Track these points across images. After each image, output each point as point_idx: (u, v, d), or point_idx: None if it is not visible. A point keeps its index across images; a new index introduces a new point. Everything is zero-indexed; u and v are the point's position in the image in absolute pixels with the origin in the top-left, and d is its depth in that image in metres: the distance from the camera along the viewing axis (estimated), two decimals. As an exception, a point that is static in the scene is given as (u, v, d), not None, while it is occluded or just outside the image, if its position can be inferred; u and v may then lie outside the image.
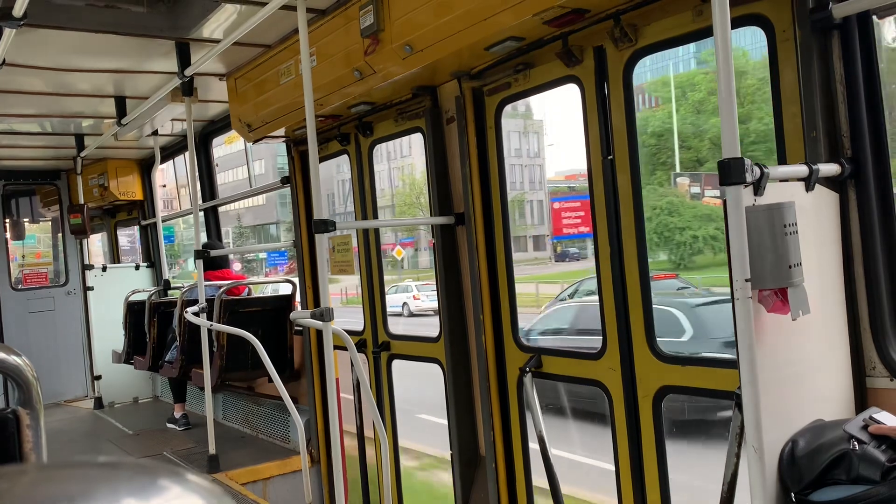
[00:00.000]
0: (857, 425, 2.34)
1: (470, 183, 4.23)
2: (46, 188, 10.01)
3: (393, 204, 42.15)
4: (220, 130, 7.83)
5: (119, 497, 0.49)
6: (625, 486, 3.64)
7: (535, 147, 43.51)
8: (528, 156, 43.30)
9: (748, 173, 2.24)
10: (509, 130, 36.14)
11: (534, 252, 39.37)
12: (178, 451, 6.62)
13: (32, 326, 9.40)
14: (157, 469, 0.53)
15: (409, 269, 37.49)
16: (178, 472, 0.53)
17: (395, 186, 43.24)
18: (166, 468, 0.53)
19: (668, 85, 27.50)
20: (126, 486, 0.50)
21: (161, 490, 0.50)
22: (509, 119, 35.70)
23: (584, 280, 25.51)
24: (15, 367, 1.44)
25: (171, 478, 0.52)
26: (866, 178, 2.73)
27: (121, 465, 0.53)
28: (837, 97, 2.75)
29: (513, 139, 39.84)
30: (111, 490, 0.49)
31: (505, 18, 3.35)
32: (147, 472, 0.52)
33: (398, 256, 34.96)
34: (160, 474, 0.52)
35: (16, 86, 5.90)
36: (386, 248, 33.83)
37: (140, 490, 0.50)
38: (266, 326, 6.37)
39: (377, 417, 4.51)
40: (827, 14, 2.66)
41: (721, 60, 2.27)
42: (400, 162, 41.66)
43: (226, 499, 0.54)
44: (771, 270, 2.28)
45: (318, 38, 4.44)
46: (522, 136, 41.70)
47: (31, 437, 1.43)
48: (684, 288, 20.78)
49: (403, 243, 37.37)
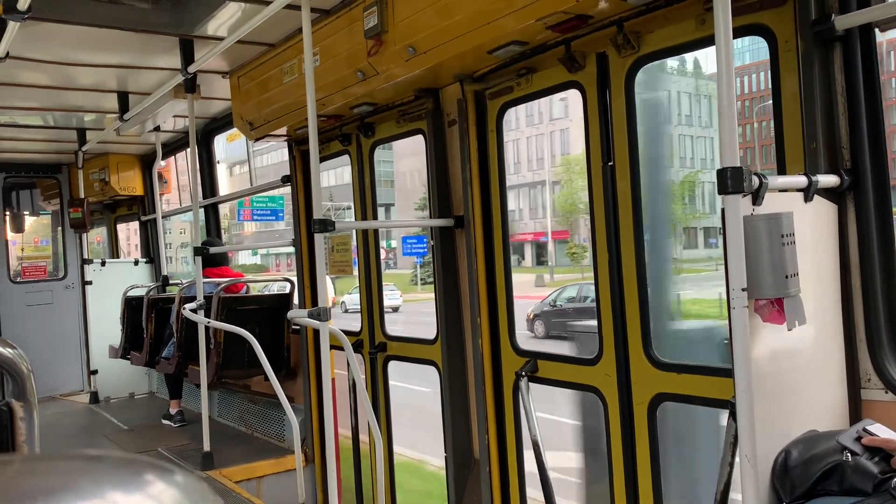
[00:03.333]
0: (851, 437, 2.34)
1: (470, 186, 4.24)
2: (47, 181, 10.01)
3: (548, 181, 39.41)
4: (222, 128, 7.84)
5: (102, 490, 0.49)
6: (618, 492, 3.64)
7: (706, 114, 33.12)
8: (700, 125, 33.53)
9: (747, 182, 2.25)
10: (679, 91, 30.03)
11: (705, 249, 30.47)
12: (173, 447, 6.61)
13: (30, 319, 9.39)
14: (142, 464, 0.53)
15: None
16: (163, 468, 0.53)
17: (553, 156, 39.49)
18: (151, 463, 0.53)
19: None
20: (109, 480, 0.50)
21: (144, 484, 0.50)
22: (680, 78, 29.17)
23: (565, 287, 26.10)
24: (9, 360, 1.44)
25: (155, 472, 0.52)
26: (865, 190, 2.73)
27: (105, 459, 0.53)
28: (838, 108, 2.75)
29: (683, 102, 31.62)
30: (94, 483, 0.49)
31: (508, 23, 3.36)
32: (130, 467, 0.52)
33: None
34: (144, 469, 0.52)
35: (19, 79, 5.91)
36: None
37: (123, 484, 0.50)
38: (263, 325, 6.37)
39: (372, 418, 4.51)
40: (829, 25, 2.67)
41: (723, 69, 2.28)
42: (549, 126, 36.83)
43: (209, 494, 0.54)
44: (768, 280, 2.29)
45: (321, 37, 4.45)
46: (693, 100, 32.33)
47: (24, 429, 1.43)
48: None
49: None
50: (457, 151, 4.39)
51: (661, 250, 4.03)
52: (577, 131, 39.31)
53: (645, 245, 3.53)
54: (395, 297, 31.06)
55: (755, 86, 44.59)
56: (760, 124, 38.42)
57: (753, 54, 38.65)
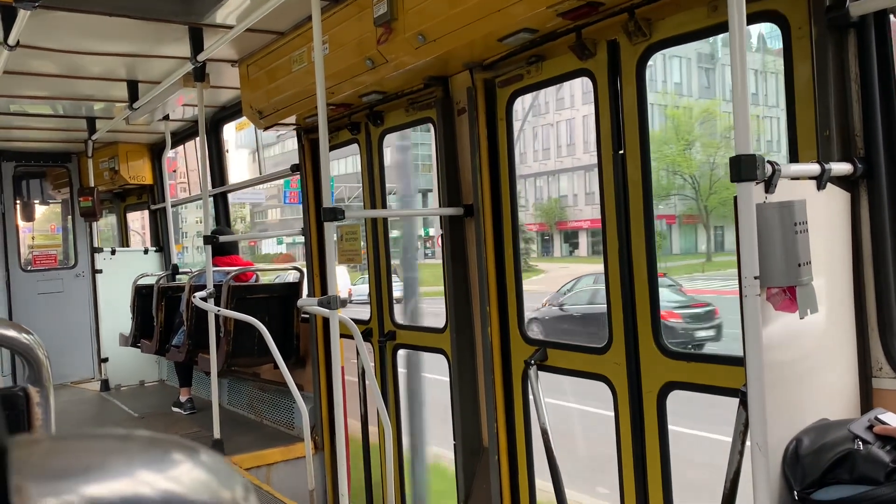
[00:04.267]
0: (862, 425, 2.34)
1: (480, 175, 4.23)
2: (57, 170, 10.05)
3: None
4: (232, 116, 7.84)
5: (133, 469, 0.49)
6: (627, 480, 3.65)
7: (774, 92, 29.10)
8: (765, 104, 29.90)
9: (760, 170, 2.23)
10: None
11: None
12: (183, 434, 6.62)
13: (41, 307, 9.46)
14: (169, 442, 0.53)
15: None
16: (191, 447, 0.54)
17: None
18: (178, 442, 0.54)
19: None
20: (140, 458, 0.50)
21: (174, 463, 0.51)
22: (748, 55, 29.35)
23: (580, 278, 24.01)
24: (26, 346, 1.45)
25: (183, 451, 0.52)
26: (878, 178, 2.71)
27: (133, 438, 0.53)
28: (852, 96, 2.73)
29: (749, 81, 31.49)
30: (126, 462, 0.49)
31: (519, 10, 3.34)
32: (160, 445, 0.53)
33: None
34: (172, 448, 0.52)
35: (29, 68, 5.92)
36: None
37: (153, 462, 0.50)
38: (273, 313, 6.40)
39: (381, 406, 4.52)
40: (843, 12, 2.64)
41: (736, 56, 2.26)
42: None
43: (235, 473, 0.54)
44: (780, 268, 2.28)
45: (330, 25, 4.44)
46: (759, 77, 29.37)
47: (40, 414, 1.44)
48: (672, 286, 20.81)
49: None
50: (466, 140, 4.38)
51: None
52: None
53: (655, 234, 3.53)
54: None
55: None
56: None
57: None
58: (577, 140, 43.54)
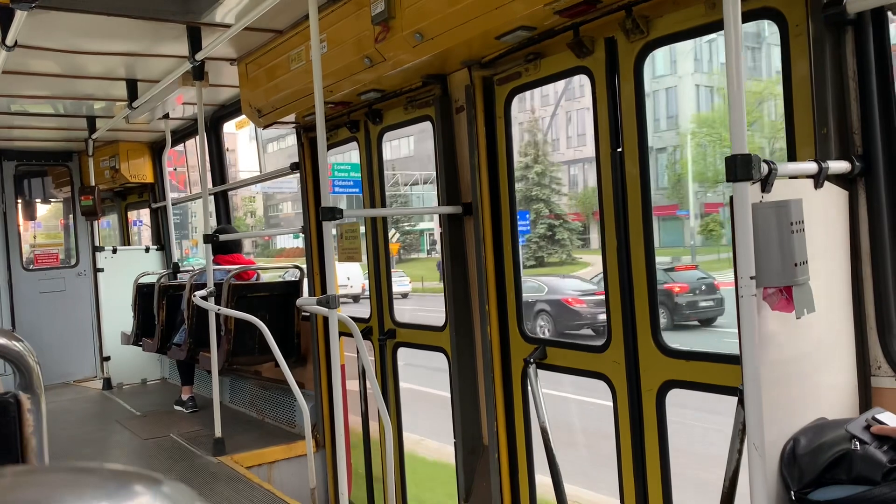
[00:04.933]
0: (860, 425, 2.33)
1: (478, 173, 4.22)
2: (58, 169, 10.06)
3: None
4: (231, 115, 7.85)
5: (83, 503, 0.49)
6: (626, 478, 3.65)
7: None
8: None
9: (756, 170, 2.22)
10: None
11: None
12: (185, 433, 6.67)
13: (43, 306, 9.48)
14: (130, 475, 0.53)
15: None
16: (154, 479, 0.53)
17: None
18: (144, 476, 0.53)
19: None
20: (92, 493, 0.50)
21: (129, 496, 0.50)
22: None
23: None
24: (17, 353, 1.45)
25: (142, 484, 0.52)
26: (877, 176, 2.70)
27: (95, 472, 0.53)
28: (850, 94, 2.71)
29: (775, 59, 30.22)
30: (77, 496, 0.49)
31: (516, 7, 3.33)
32: (118, 479, 0.52)
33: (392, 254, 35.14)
34: (131, 481, 0.52)
35: (29, 67, 5.92)
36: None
37: (107, 496, 0.50)
38: (273, 312, 6.40)
39: (381, 404, 4.52)
40: (841, 9, 2.63)
41: (731, 55, 2.25)
42: (652, 84, 33.15)
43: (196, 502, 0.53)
44: (776, 268, 2.27)
45: (328, 24, 4.43)
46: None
47: (31, 421, 1.44)
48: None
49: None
50: (465, 138, 4.37)
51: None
52: (684, 89, 36.35)
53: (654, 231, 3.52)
54: (404, 284, 31.44)
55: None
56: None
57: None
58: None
